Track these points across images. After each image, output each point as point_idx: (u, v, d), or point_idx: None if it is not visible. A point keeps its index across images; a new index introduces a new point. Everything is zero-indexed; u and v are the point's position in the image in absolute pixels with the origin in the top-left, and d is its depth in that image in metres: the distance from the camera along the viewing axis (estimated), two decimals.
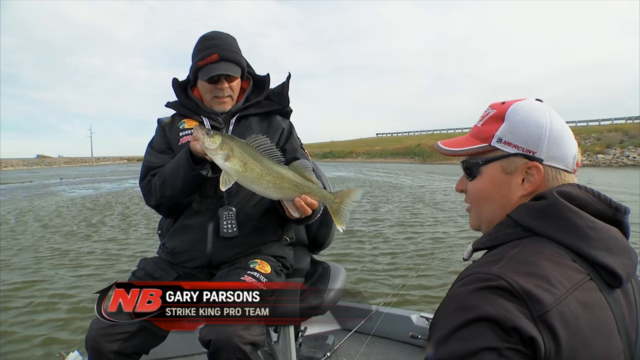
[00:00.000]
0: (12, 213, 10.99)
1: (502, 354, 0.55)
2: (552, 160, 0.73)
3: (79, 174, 35.37)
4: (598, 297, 0.63)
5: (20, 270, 5.34)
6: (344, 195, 1.32)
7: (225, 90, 1.47)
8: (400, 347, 2.16)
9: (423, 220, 8.66)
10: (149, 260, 1.51)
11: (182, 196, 1.40)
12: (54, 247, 6.69)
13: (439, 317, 0.64)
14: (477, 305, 0.59)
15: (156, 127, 1.60)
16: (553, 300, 0.58)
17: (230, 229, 1.43)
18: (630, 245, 0.70)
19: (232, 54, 1.46)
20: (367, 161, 54.01)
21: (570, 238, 0.66)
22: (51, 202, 13.51)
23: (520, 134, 0.73)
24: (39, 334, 3.47)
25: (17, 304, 4.18)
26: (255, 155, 1.26)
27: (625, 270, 0.65)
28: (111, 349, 1.23)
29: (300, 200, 1.28)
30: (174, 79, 1.58)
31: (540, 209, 0.69)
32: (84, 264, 5.62)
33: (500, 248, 0.70)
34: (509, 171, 0.74)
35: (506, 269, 0.62)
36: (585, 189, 0.71)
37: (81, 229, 8.36)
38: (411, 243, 6.56)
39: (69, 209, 11.43)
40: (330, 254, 5.69)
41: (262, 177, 1.26)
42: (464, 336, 0.58)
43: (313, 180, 1.31)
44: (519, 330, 0.56)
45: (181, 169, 1.36)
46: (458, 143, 0.81)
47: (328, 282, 1.61)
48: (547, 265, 0.62)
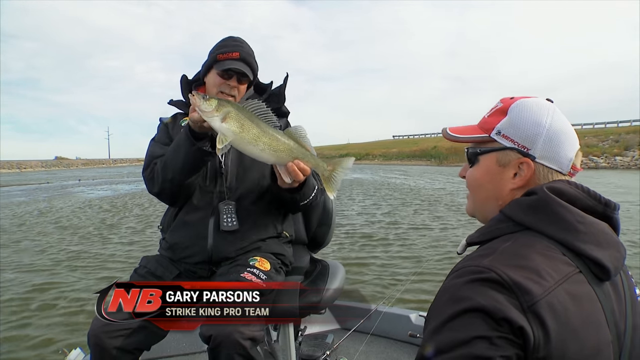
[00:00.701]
0: (31, 214, 11.23)
1: (493, 342, 0.57)
2: (545, 159, 0.74)
3: (96, 175, 35.77)
4: (587, 290, 0.64)
5: (39, 271, 5.42)
6: (336, 163, 1.34)
7: (232, 89, 1.50)
8: (399, 346, 2.16)
9: (425, 219, 8.62)
10: (150, 258, 1.53)
11: (183, 176, 1.40)
12: (70, 249, 6.76)
13: (433, 310, 0.66)
14: (469, 296, 0.61)
15: (158, 125, 1.62)
16: (542, 292, 0.60)
17: (230, 223, 1.45)
18: (619, 239, 0.71)
19: (251, 59, 1.51)
20: (383, 163, 53.39)
21: (560, 232, 0.67)
22: (69, 203, 13.75)
23: (518, 129, 0.76)
24: (40, 334, 3.50)
25: (27, 303, 4.23)
26: (252, 117, 1.26)
27: (614, 264, 0.67)
28: (113, 344, 1.25)
29: (293, 165, 1.28)
30: (183, 76, 1.60)
31: (531, 204, 0.71)
32: (103, 266, 5.63)
33: (493, 242, 0.71)
34: (503, 163, 0.77)
35: (497, 261, 0.64)
36: (575, 185, 0.72)
37: (99, 230, 8.43)
38: (412, 242, 6.54)
39: (85, 211, 11.56)
40: (330, 253, 5.70)
41: (258, 139, 1.25)
42: (456, 326, 0.60)
43: (307, 147, 1.32)
44: (509, 320, 0.57)
45: (182, 147, 1.37)
46: (463, 131, 0.84)
47: (327, 280, 1.62)
48: (537, 258, 0.64)
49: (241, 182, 1.51)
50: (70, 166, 72.80)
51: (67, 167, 69.18)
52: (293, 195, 1.42)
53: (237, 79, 1.50)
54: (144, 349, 1.35)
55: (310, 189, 1.44)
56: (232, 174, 1.51)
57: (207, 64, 1.52)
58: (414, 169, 33.61)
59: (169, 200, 1.53)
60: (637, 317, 0.71)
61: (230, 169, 1.50)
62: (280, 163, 1.30)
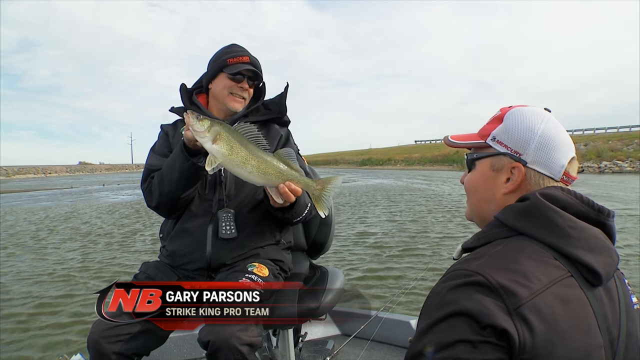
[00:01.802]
0: (56, 218, 11.45)
1: (475, 347, 0.58)
2: (536, 164, 0.75)
3: (120, 180, 36.28)
4: (577, 294, 0.64)
5: (59, 283, 5.36)
6: (325, 182, 1.35)
7: (244, 91, 1.54)
8: (399, 352, 2.13)
9: (429, 225, 8.49)
10: (150, 264, 1.54)
11: (178, 190, 1.42)
12: (85, 253, 6.77)
13: (422, 312, 0.67)
14: (455, 300, 0.62)
15: (159, 133, 1.63)
16: (529, 294, 0.60)
17: (229, 231, 1.45)
18: (612, 245, 0.71)
19: (258, 64, 1.56)
20: (405, 168, 52.52)
21: (551, 237, 0.67)
22: (94, 206, 14.02)
23: (511, 135, 0.77)
24: (43, 339, 3.49)
25: (37, 308, 4.24)
26: (242, 140, 1.28)
27: (605, 269, 0.66)
28: (112, 350, 1.24)
29: (284, 187, 1.29)
30: (182, 85, 1.63)
31: (523, 209, 0.71)
32: (124, 271, 5.61)
33: (484, 247, 0.72)
34: (497, 168, 0.79)
35: (485, 265, 0.64)
36: (568, 191, 0.73)
37: (122, 235, 8.43)
38: (414, 248, 6.46)
39: (109, 215, 11.67)
40: (331, 259, 5.65)
41: (246, 162, 1.27)
42: (441, 329, 0.61)
43: (296, 168, 1.33)
44: (493, 325, 0.58)
45: (176, 162, 1.39)
46: (462, 137, 0.86)
47: (326, 285, 1.62)
48: (526, 262, 0.64)
49: (240, 191, 1.51)
50: (94, 171, 74.52)
51: (91, 172, 70.87)
52: (285, 214, 1.43)
53: (248, 82, 1.54)
54: (143, 354, 1.35)
55: (302, 207, 1.45)
56: (231, 182, 1.51)
57: (215, 68, 1.54)
58: (437, 175, 33.13)
59: (166, 213, 1.55)
60: (632, 324, 0.70)
61: (229, 177, 1.51)
62: (269, 185, 1.32)
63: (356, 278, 4.88)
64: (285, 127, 1.68)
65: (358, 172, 48.20)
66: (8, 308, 4.26)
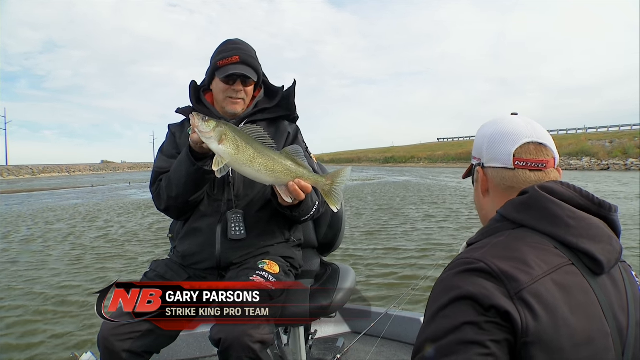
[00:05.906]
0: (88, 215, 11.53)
1: (481, 327, 0.58)
2: (490, 161, 0.80)
3: (144, 179, 36.45)
4: (579, 281, 0.64)
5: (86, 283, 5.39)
6: (334, 176, 1.29)
7: (239, 93, 1.45)
8: (410, 349, 2.04)
9: (439, 222, 8.33)
10: (160, 262, 1.49)
11: (186, 194, 1.37)
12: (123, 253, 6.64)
13: (429, 301, 0.67)
14: (459, 285, 0.62)
15: (167, 133, 1.58)
16: (529, 280, 0.60)
17: (238, 232, 1.40)
18: (613, 234, 0.70)
19: (251, 60, 1.45)
20: (429, 166, 51.99)
21: (551, 227, 0.68)
22: (125, 204, 14.08)
23: (475, 148, 0.85)
24: (53, 337, 3.42)
25: (46, 305, 4.18)
26: (248, 139, 1.24)
27: (607, 256, 0.66)
28: (122, 347, 1.20)
29: (294, 184, 1.23)
30: (192, 82, 1.55)
31: (522, 202, 0.72)
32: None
33: (487, 239, 0.72)
34: (476, 179, 0.85)
35: (488, 254, 0.65)
36: (567, 185, 0.72)
37: (152, 234, 8.26)
38: (426, 244, 6.31)
39: (138, 213, 11.63)
40: (342, 256, 5.52)
41: (254, 160, 1.22)
42: (447, 314, 0.62)
43: (304, 165, 1.28)
44: (496, 306, 0.59)
45: (183, 165, 1.34)
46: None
47: (337, 283, 1.56)
48: (526, 251, 0.65)
49: (249, 190, 1.45)
50: (117, 169, 75.73)
51: (114, 171, 72.03)
52: (293, 213, 1.37)
53: (242, 82, 1.44)
54: (154, 352, 1.31)
55: (309, 205, 1.38)
56: (239, 182, 1.45)
57: (210, 71, 1.47)
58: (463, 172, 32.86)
59: (176, 216, 1.51)
60: None
61: (237, 177, 1.44)
62: (278, 183, 1.27)
63: (366, 275, 4.77)
64: (294, 123, 1.60)
65: (382, 170, 47.76)
66: (21, 300, 4.29)
